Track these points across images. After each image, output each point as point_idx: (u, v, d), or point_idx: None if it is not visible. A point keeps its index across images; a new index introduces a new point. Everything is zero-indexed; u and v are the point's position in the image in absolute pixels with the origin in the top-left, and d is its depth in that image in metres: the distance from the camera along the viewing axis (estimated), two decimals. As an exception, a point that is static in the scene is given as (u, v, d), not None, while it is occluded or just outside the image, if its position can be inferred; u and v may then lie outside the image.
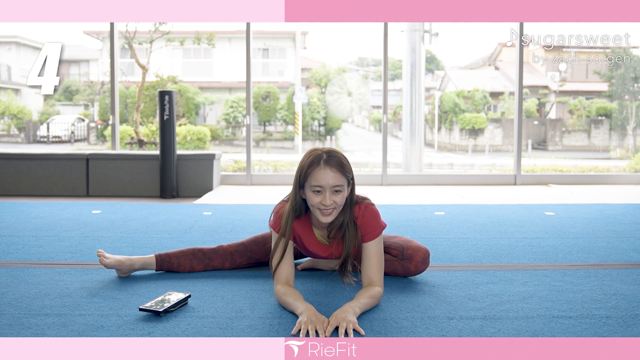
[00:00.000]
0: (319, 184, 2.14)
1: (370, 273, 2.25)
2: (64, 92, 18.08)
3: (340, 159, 2.17)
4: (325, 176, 2.13)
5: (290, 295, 2.15)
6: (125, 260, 2.61)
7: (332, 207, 2.17)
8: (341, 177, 2.15)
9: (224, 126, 15.89)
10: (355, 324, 1.95)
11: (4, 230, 3.85)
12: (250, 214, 4.53)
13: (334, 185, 2.14)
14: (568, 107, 17.97)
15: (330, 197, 2.15)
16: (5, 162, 6.20)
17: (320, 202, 2.15)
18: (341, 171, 2.15)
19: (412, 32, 9.88)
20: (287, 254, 2.27)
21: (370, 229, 2.27)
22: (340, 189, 2.15)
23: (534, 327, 2.01)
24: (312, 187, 2.15)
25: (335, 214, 2.21)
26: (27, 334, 1.94)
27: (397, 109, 18.48)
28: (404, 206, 5.04)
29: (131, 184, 6.17)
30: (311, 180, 2.15)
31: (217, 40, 11.08)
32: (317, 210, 2.19)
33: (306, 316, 1.96)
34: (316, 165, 2.15)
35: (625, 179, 7.31)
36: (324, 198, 2.14)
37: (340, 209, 2.21)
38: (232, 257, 2.72)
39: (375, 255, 2.26)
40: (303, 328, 1.91)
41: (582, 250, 3.24)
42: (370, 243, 2.27)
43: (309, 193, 2.18)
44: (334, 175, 2.14)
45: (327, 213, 2.18)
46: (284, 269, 2.26)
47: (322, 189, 2.14)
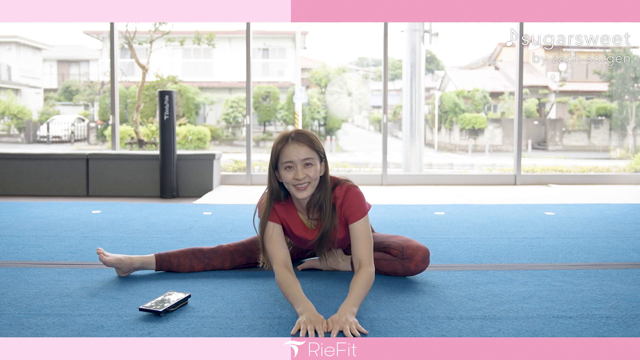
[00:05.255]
0: (290, 159, 2.19)
1: (359, 253, 2.27)
2: (64, 92, 18.08)
3: (307, 135, 2.23)
4: (294, 151, 2.19)
5: (292, 288, 2.14)
6: (124, 259, 2.61)
7: (306, 182, 2.22)
8: (310, 150, 2.21)
9: (224, 126, 15.89)
10: (356, 323, 1.96)
11: (4, 230, 3.85)
12: (251, 214, 4.51)
13: (304, 158, 2.19)
14: (568, 107, 17.97)
15: (302, 170, 2.19)
16: (5, 162, 6.20)
17: (293, 177, 2.20)
18: (309, 145, 2.21)
19: (412, 32, 9.88)
20: (278, 236, 2.30)
21: (354, 210, 2.30)
22: (311, 162, 2.21)
23: (534, 327, 2.01)
24: (284, 164, 2.21)
25: (311, 190, 2.24)
26: (27, 334, 1.94)
27: (397, 109, 18.48)
28: (404, 206, 5.04)
29: (131, 184, 6.17)
30: (282, 158, 2.21)
31: (217, 40, 11.07)
32: (292, 188, 2.23)
33: (306, 317, 1.98)
34: (285, 143, 2.21)
35: (625, 179, 7.31)
36: (296, 172, 2.19)
37: (315, 183, 2.25)
38: (232, 256, 2.72)
39: (363, 235, 2.29)
40: (302, 328, 1.93)
41: (582, 250, 3.24)
42: (356, 223, 2.30)
43: (283, 172, 2.22)
44: (303, 149, 2.19)
45: (302, 188, 2.22)
46: (280, 252, 2.27)
47: (292, 163, 2.20)
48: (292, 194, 2.28)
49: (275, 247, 2.29)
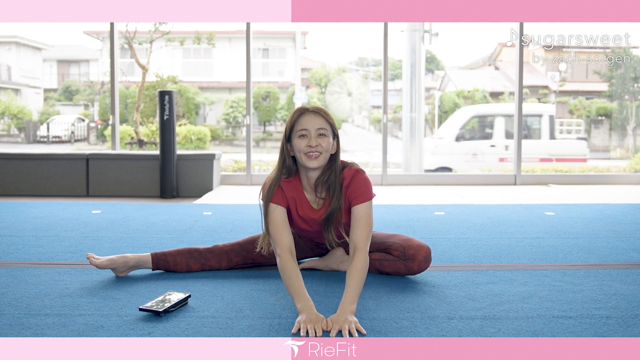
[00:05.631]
0: (304, 127, 2.26)
1: (356, 237, 2.27)
2: (64, 92, 18.08)
3: (324, 110, 2.32)
4: (310, 120, 2.27)
5: (294, 280, 2.15)
6: (117, 258, 2.59)
7: (318, 151, 2.26)
8: (324, 122, 2.28)
9: (224, 126, 15.88)
10: (356, 323, 1.97)
11: (4, 230, 3.85)
12: (250, 214, 4.53)
13: (318, 127, 2.26)
14: (568, 107, 17.97)
15: (316, 139, 2.26)
16: (5, 162, 6.20)
17: (306, 144, 2.25)
18: (325, 118, 2.30)
19: (412, 32, 9.87)
20: (282, 220, 2.31)
21: (359, 193, 2.32)
22: (325, 133, 2.27)
23: (534, 327, 2.01)
24: (298, 133, 2.27)
25: (322, 161, 2.29)
26: (27, 334, 1.94)
27: (397, 109, 18.47)
28: (404, 206, 5.04)
29: (131, 184, 6.17)
30: (297, 127, 2.28)
31: (217, 40, 11.08)
32: (304, 157, 2.27)
33: (305, 316, 1.99)
34: (301, 113, 2.30)
35: (625, 179, 7.31)
36: (310, 139, 2.25)
37: (326, 155, 2.29)
38: (228, 256, 2.71)
39: (363, 219, 2.29)
40: (302, 327, 1.94)
41: (582, 250, 3.24)
42: (359, 206, 2.31)
43: (296, 140, 2.28)
44: (318, 120, 2.28)
45: (314, 157, 2.26)
46: (284, 237, 2.28)
47: (307, 131, 2.26)
48: (302, 164, 2.30)
49: (279, 231, 2.29)
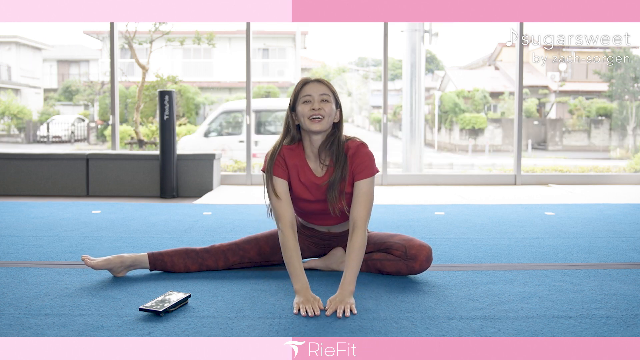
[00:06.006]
0: (308, 93, 2.38)
1: (357, 213, 2.35)
2: (64, 92, 18.08)
3: (326, 80, 2.46)
4: (312, 87, 2.39)
5: (293, 260, 2.29)
6: (113, 258, 2.59)
7: (322, 115, 2.36)
8: (327, 89, 2.40)
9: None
10: (352, 304, 2.16)
11: (4, 230, 3.85)
12: (250, 214, 4.53)
13: (322, 93, 2.38)
14: (568, 107, 17.98)
15: (319, 103, 2.36)
16: (5, 162, 6.20)
17: (310, 108, 2.36)
18: (327, 85, 2.42)
19: (412, 32, 9.86)
20: (284, 194, 2.39)
21: (363, 167, 2.40)
22: (328, 99, 2.39)
23: (534, 327, 2.01)
24: (303, 99, 2.39)
25: (325, 125, 2.37)
26: (27, 334, 1.94)
27: (397, 109, 18.47)
28: (404, 206, 5.04)
29: (131, 184, 6.17)
30: (301, 94, 2.39)
31: (217, 40, 11.07)
32: (307, 121, 2.36)
33: (302, 297, 2.18)
34: (305, 83, 2.42)
35: (625, 179, 7.31)
36: (313, 104, 2.36)
37: (329, 120, 2.39)
38: (225, 255, 2.71)
39: (365, 195, 2.38)
40: (302, 308, 2.13)
41: (582, 250, 3.24)
42: (362, 182, 2.39)
43: (301, 106, 2.38)
44: (322, 87, 2.40)
45: (317, 120, 2.36)
46: (286, 211, 2.37)
47: (311, 97, 2.37)
48: (307, 128, 2.38)
49: (281, 205, 2.37)
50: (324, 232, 2.64)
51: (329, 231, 2.63)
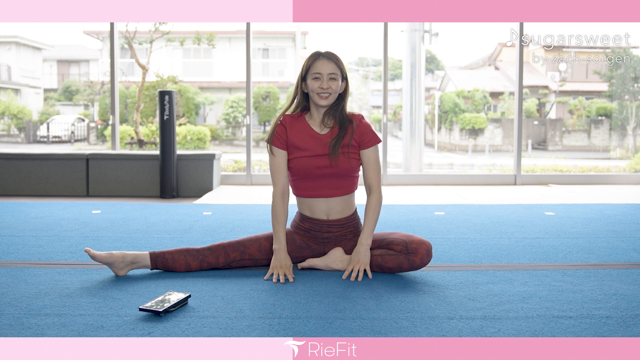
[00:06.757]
0: (318, 71, 2.63)
1: (370, 179, 2.71)
2: (64, 92, 18.08)
3: (335, 55, 2.68)
4: (323, 65, 2.64)
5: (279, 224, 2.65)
6: (116, 252, 2.64)
7: (329, 92, 2.63)
8: (336, 67, 2.64)
9: (224, 126, 15.89)
10: (366, 265, 2.58)
11: (4, 230, 3.85)
12: (250, 214, 4.53)
13: (330, 72, 2.63)
14: (568, 107, 17.98)
15: (327, 82, 2.63)
16: (5, 162, 6.20)
17: (319, 86, 2.62)
18: (336, 63, 2.66)
19: (412, 32, 9.87)
20: (281, 164, 2.69)
21: (369, 137, 2.70)
22: (335, 77, 2.64)
23: (534, 327, 2.01)
24: (313, 75, 2.64)
25: (331, 100, 2.66)
26: (27, 334, 1.94)
27: (397, 109, 18.47)
28: (404, 206, 5.04)
29: (131, 184, 6.17)
30: (312, 70, 2.64)
31: (217, 40, 11.07)
32: (316, 96, 2.64)
33: (277, 260, 2.60)
34: (316, 58, 2.66)
35: (625, 179, 7.31)
36: (322, 82, 2.62)
37: (335, 96, 2.66)
38: (225, 251, 2.73)
39: (374, 161, 2.71)
40: (275, 274, 2.54)
41: (582, 250, 3.24)
42: (369, 150, 2.70)
43: (310, 81, 2.65)
44: (330, 65, 2.64)
45: (325, 97, 2.64)
46: (280, 180, 2.70)
47: (320, 75, 2.63)
48: (315, 102, 2.66)
49: (277, 174, 2.70)
50: (323, 220, 2.70)
51: (328, 218, 2.70)
